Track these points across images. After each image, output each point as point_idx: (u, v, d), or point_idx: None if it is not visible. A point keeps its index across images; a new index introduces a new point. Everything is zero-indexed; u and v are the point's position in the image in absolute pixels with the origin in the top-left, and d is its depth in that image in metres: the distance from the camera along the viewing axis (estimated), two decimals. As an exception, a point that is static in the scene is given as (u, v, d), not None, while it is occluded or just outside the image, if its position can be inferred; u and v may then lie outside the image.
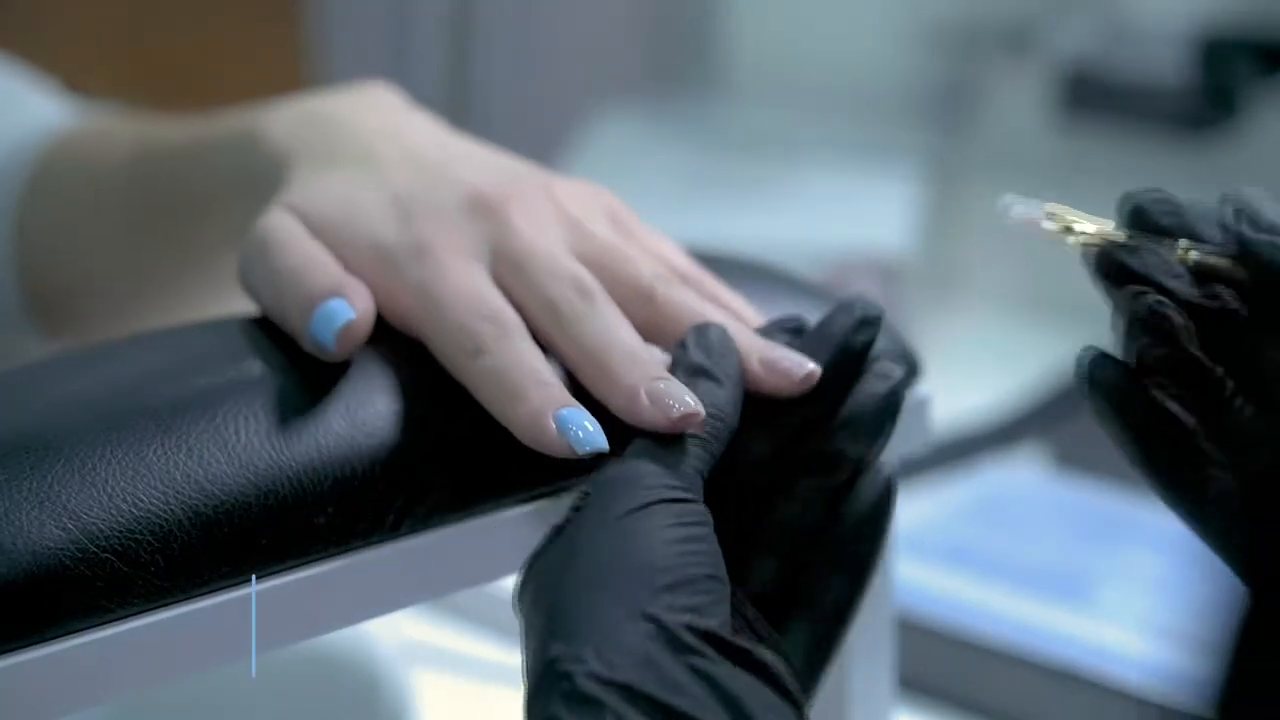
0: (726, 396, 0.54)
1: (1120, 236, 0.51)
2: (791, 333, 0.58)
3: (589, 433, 0.53)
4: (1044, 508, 1.05)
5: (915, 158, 1.65)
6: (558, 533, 0.51)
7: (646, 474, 0.50)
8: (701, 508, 0.50)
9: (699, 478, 0.51)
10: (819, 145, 1.69)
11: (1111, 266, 0.52)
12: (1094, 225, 0.52)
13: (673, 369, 0.55)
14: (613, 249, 0.59)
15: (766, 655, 0.47)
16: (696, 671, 0.46)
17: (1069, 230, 0.52)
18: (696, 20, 1.88)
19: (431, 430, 0.56)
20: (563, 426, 0.53)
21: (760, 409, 0.55)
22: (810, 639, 0.54)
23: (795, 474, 0.55)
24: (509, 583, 1.01)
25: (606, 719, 0.45)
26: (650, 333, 0.58)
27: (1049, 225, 0.52)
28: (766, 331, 0.58)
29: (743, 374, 0.55)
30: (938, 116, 1.72)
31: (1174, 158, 1.40)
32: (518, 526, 0.56)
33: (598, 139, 1.72)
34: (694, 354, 0.55)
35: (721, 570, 0.49)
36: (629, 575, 0.47)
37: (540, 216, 0.59)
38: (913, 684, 0.92)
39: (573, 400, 0.54)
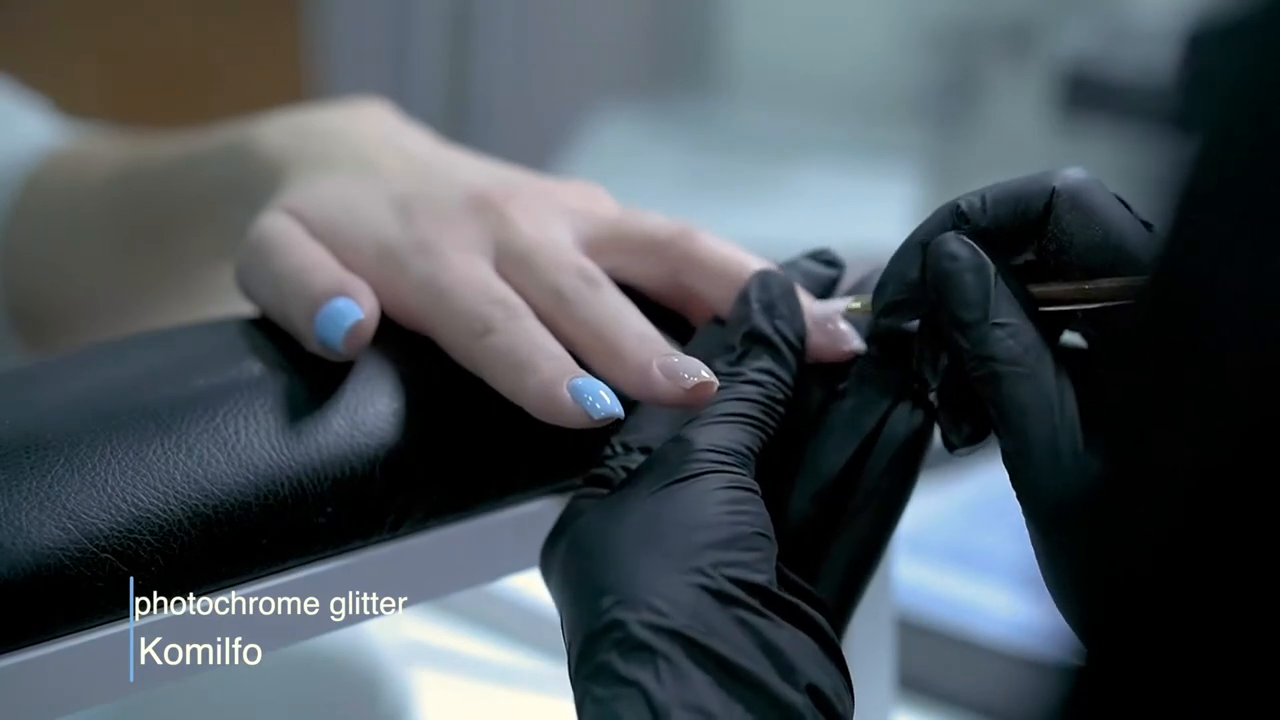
0: (789, 369, 0.54)
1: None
2: (825, 264, 0.58)
3: (605, 401, 0.53)
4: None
5: (914, 158, 1.65)
6: (581, 499, 0.51)
7: (697, 449, 0.51)
8: (751, 481, 0.50)
9: (750, 455, 0.51)
10: (818, 145, 1.69)
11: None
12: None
13: (734, 328, 0.54)
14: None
15: (810, 610, 0.48)
16: (742, 623, 0.47)
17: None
18: (696, 21, 1.88)
19: (431, 430, 0.56)
20: (577, 395, 0.53)
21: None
22: (845, 568, 0.53)
23: (831, 411, 0.55)
24: (509, 583, 1.01)
25: (659, 664, 0.45)
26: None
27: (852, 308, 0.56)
28: (800, 267, 0.58)
29: (804, 337, 0.55)
30: (937, 117, 1.73)
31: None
32: (518, 526, 0.57)
33: (598, 139, 1.72)
34: (757, 317, 0.54)
35: (769, 530, 0.49)
36: (679, 533, 0.48)
37: (541, 213, 0.59)
38: (913, 684, 0.92)
39: (584, 372, 0.54)
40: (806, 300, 0.56)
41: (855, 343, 0.55)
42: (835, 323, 0.55)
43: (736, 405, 0.52)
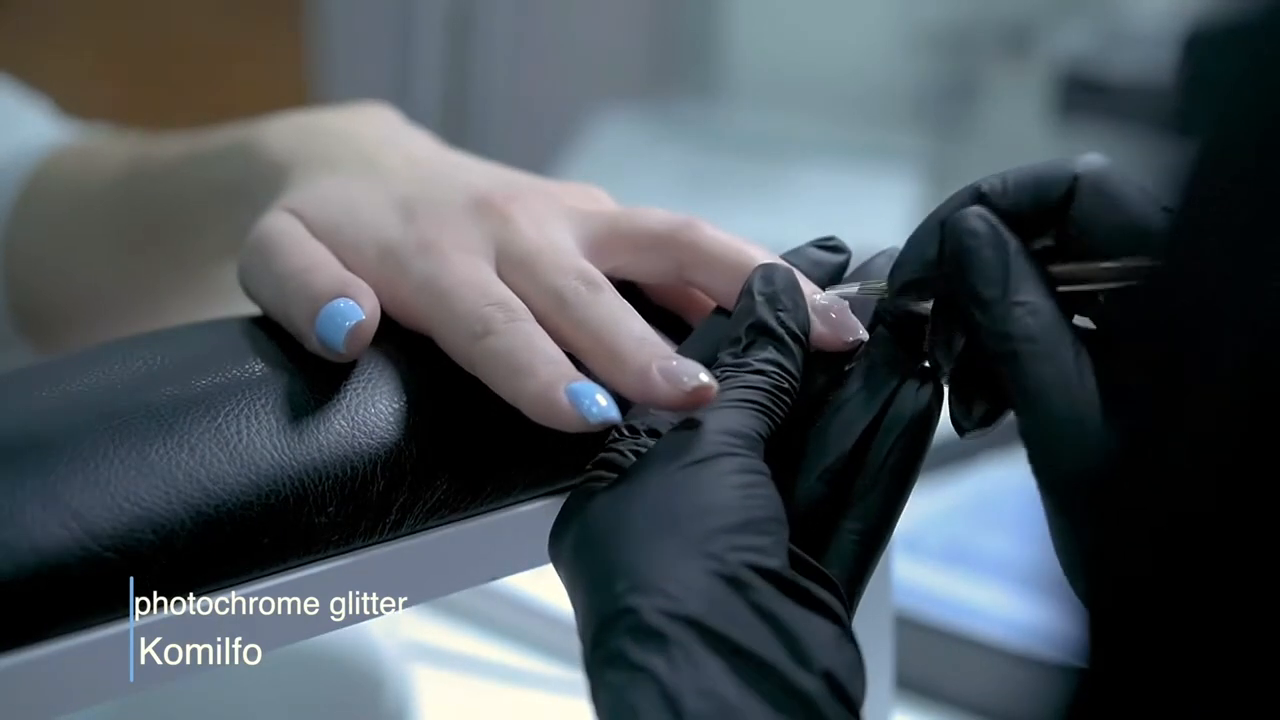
0: (794, 359, 0.54)
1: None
2: (830, 250, 0.58)
3: (601, 406, 0.53)
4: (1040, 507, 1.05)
5: (913, 159, 1.65)
6: (590, 483, 0.51)
7: (708, 432, 0.50)
8: (762, 465, 0.50)
9: (760, 440, 0.51)
10: (818, 147, 1.69)
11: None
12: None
13: (738, 321, 0.54)
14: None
15: (824, 594, 0.48)
16: (757, 608, 0.46)
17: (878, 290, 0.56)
18: (696, 23, 1.89)
19: (433, 430, 0.56)
20: (575, 399, 0.53)
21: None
22: (854, 546, 0.53)
23: (839, 391, 0.55)
24: (509, 582, 1.01)
25: (672, 651, 0.45)
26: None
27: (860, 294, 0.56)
28: (806, 254, 0.58)
29: (809, 326, 0.55)
30: (935, 118, 1.73)
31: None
32: (518, 526, 0.57)
33: (598, 140, 1.72)
34: (761, 309, 0.54)
35: (782, 514, 0.49)
36: (691, 518, 0.48)
37: (543, 216, 0.59)
38: (912, 684, 0.92)
39: (582, 376, 0.54)
40: (810, 289, 0.56)
41: (858, 332, 0.55)
42: (839, 312, 0.55)
43: (745, 392, 0.52)
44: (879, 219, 1.50)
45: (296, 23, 1.95)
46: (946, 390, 0.54)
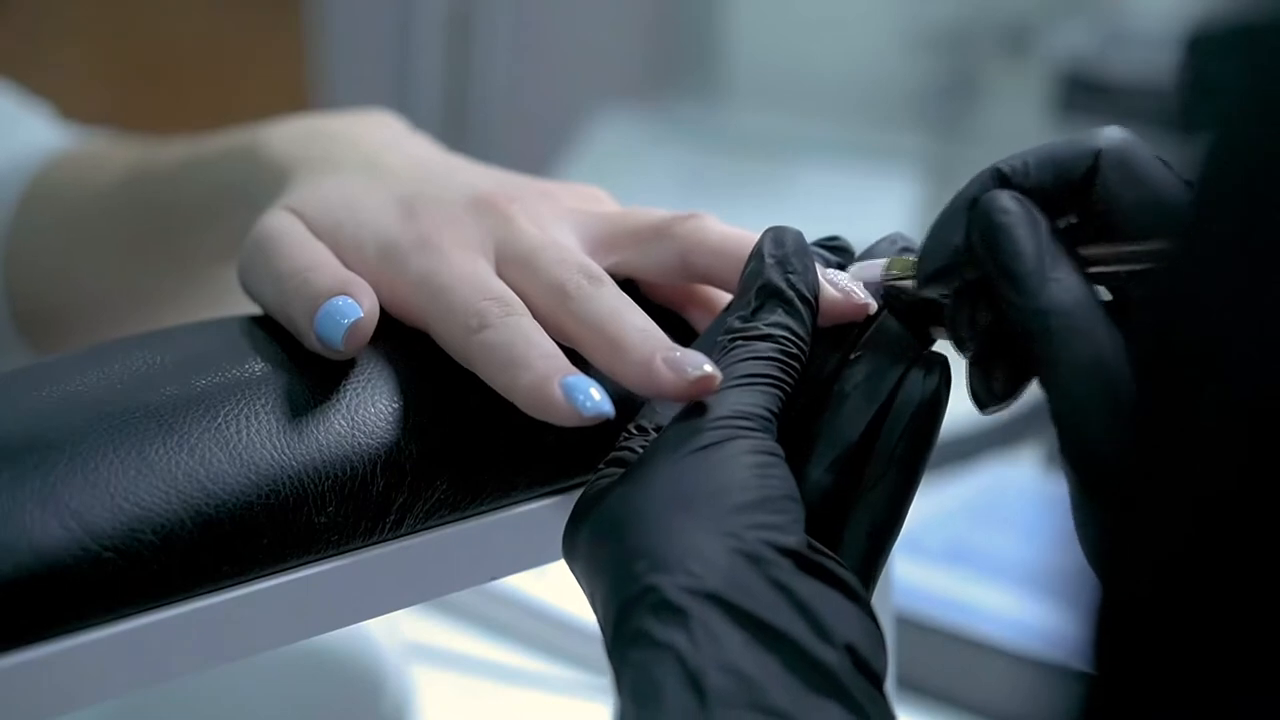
0: (803, 324, 0.53)
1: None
2: (833, 250, 0.58)
3: (595, 400, 0.53)
4: (1043, 508, 1.05)
5: (913, 159, 1.65)
6: (601, 479, 0.51)
7: (719, 415, 0.50)
8: (774, 445, 0.50)
9: (771, 418, 0.51)
10: (818, 148, 1.69)
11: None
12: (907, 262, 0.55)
13: (747, 285, 0.54)
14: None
15: (842, 571, 0.47)
16: (776, 583, 0.46)
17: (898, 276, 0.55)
18: (696, 24, 1.89)
19: (432, 430, 0.56)
20: (569, 393, 0.53)
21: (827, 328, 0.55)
22: (867, 536, 0.53)
23: (844, 380, 0.54)
24: (509, 583, 1.01)
25: (693, 627, 0.45)
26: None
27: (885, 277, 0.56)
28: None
29: (818, 292, 0.54)
30: (935, 118, 1.73)
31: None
32: (518, 526, 0.57)
33: (598, 140, 1.72)
34: (771, 271, 0.54)
35: (796, 493, 0.49)
36: (708, 497, 0.48)
37: (544, 215, 0.59)
38: (912, 684, 0.92)
39: (577, 370, 0.54)
40: (828, 270, 0.56)
41: (869, 298, 0.55)
42: (853, 283, 0.55)
43: (754, 365, 0.52)
44: (879, 219, 1.50)
45: (296, 23, 1.95)
46: (967, 366, 0.54)
